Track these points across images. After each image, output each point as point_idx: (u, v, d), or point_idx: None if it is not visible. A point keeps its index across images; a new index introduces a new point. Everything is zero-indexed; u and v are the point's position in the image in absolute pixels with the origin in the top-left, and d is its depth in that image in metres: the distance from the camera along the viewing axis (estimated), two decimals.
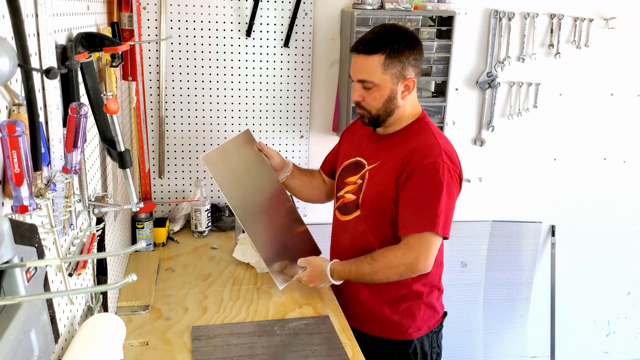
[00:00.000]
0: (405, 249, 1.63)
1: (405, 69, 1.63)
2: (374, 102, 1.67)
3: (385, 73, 1.62)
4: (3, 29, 0.79)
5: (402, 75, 1.64)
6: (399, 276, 1.65)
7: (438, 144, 1.65)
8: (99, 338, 1.15)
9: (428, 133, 1.69)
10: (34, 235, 0.83)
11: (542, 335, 3.00)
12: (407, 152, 1.65)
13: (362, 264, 1.66)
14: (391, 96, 1.65)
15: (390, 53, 1.61)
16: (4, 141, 0.75)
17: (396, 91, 1.65)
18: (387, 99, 1.65)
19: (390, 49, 1.61)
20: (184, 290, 1.83)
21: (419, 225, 1.61)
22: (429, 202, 1.60)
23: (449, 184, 1.60)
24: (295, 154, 2.47)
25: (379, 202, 1.70)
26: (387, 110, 1.68)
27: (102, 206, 1.37)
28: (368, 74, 1.63)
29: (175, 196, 2.40)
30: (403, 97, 1.67)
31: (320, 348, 1.54)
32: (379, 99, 1.66)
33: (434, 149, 1.63)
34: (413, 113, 1.72)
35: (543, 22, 2.57)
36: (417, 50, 1.65)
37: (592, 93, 2.70)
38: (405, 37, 1.64)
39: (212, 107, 2.35)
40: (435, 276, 1.78)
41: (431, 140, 1.66)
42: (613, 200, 2.87)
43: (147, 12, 2.19)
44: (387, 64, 1.61)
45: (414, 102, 1.73)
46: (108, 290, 1.52)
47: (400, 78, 1.64)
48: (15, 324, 0.72)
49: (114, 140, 1.33)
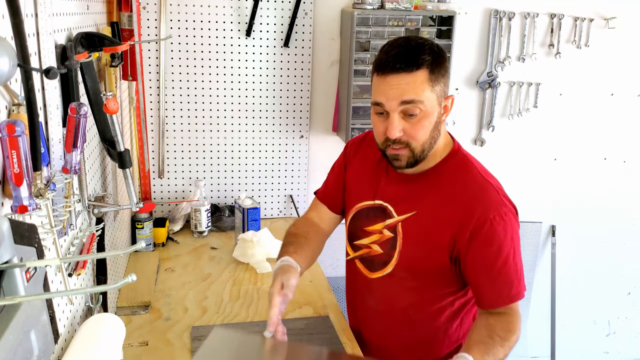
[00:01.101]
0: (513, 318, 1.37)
1: (447, 85, 1.34)
2: (421, 133, 1.31)
3: (433, 91, 1.29)
4: (3, 29, 0.79)
5: (444, 93, 1.33)
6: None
7: (489, 184, 1.36)
8: (99, 338, 1.15)
9: (471, 170, 1.39)
10: (33, 235, 0.82)
11: (542, 335, 3.00)
12: (457, 202, 1.35)
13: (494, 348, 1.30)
14: (438, 121, 1.33)
15: (434, 63, 1.29)
16: (3, 141, 0.75)
17: (440, 115, 1.33)
18: (434, 125, 1.32)
19: (432, 60, 1.28)
20: (184, 290, 1.82)
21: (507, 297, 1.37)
22: (507, 266, 1.34)
23: (517, 232, 1.37)
24: (295, 154, 2.47)
25: (427, 264, 1.40)
26: (432, 143, 1.34)
27: (101, 206, 1.37)
28: (416, 93, 1.27)
29: (175, 196, 2.40)
30: (442, 122, 1.36)
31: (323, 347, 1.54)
32: (427, 127, 1.31)
33: (491, 195, 1.35)
34: (445, 143, 1.41)
35: (543, 22, 2.57)
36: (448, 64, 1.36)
37: (593, 93, 2.70)
38: (433, 46, 1.32)
39: (212, 107, 2.35)
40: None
41: (481, 182, 1.37)
42: (613, 200, 2.87)
43: (147, 12, 2.19)
44: (433, 80, 1.29)
45: (444, 128, 1.41)
46: (108, 290, 1.52)
47: (443, 97, 1.33)
48: (15, 324, 0.72)
49: (113, 140, 1.33)
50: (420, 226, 1.40)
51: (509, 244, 1.34)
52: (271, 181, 2.48)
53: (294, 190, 2.51)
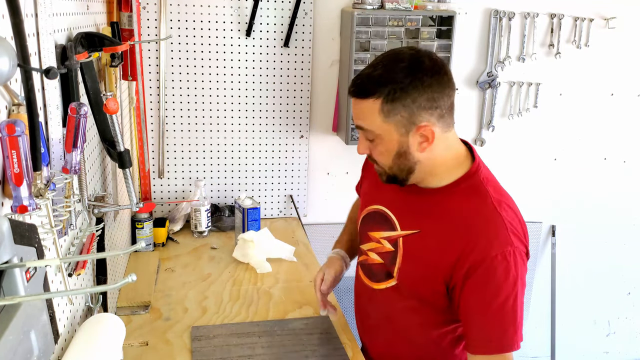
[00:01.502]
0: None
1: (416, 115, 1.21)
2: (383, 159, 1.29)
3: (387, 121, 1.22)
4: (3, 29, 0.79)
5: (411, 122, 1.22)
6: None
7: (501, 217, 1.24)
8: (99, 338, 1.15)
9: (484, 198, 1.27)
10: (33, 235, 0.82)
11: (542, 335, 3.00)
12: (461, 232, 1.25)
13: None
14: (401, 151, 1.25)
15: (389, 96, 1.20)
16: (3, 141, 0.75)
17: (408, 144, 1.24)
18: (396, 154, 1.26)
19: (388, 90, 1.20)
20: (184, 290, 1.83)
21: (497, 346, 1.24)
22: (504, 312, 1.22)
23: (522, 277, 1.23)
24: (295, 154, 2.47)
25: (425, 288, 1.33)
26: (402, 168, 1.28)
27: (101, 206, 1.37)
28: (366, 122, 1.25)
29: (175, 196, 2.40)
30: (422, 150, 1.25)
31: (321, 348, 1.54)
32: (386, 154, 1.27)
33: (498, 231, 1.23)
34: (456, 163, 1.31)
35: (543, 22, 2.57)
36: (433, 85, 1.22)
37: (592, 93, 2.70)
38: (408, 70, 1.21)
39: (212, 107, 2.35)
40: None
41: (491, 213, 1.25)
42: (613, 200, 2.87)
43: (147, 12, 2.19)
44: (388, 111, 1.21)
45: (454, 146, 1.31)
46: (108, 290, 1.52)
47: (411, 127, 1.23)
48: (15, 324, 0.72)
49: (113, 140, 1.33)
50: (421, 247, 1.32)
51: (510, 288, 1.21)
52: (271, 181, 2.48)
53: (294, 190, 2.51)
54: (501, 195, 1.30)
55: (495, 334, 1.24)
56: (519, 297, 1.22)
